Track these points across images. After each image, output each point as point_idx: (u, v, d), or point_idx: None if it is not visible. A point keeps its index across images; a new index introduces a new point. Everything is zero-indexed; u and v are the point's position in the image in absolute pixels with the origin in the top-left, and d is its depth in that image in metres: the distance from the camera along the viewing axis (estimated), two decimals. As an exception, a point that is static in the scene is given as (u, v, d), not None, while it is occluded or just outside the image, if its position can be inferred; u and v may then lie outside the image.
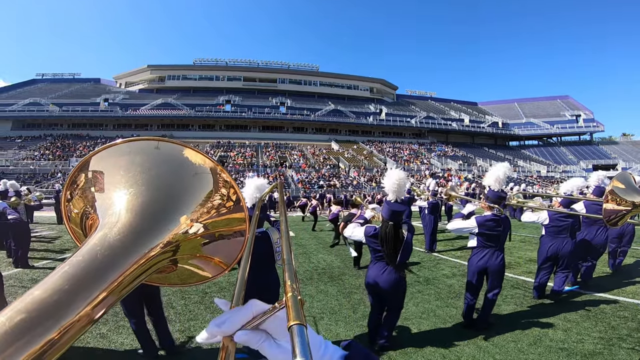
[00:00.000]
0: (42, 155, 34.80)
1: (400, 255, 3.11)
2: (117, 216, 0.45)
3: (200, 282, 0.59)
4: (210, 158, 0.54)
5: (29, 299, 0.31)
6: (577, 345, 3.38)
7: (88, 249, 0.39)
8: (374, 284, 3.31)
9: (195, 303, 4.65)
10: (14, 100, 47.57)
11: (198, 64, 60.29)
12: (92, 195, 0.50)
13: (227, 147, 41.91)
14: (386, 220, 3.14)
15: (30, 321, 0.29)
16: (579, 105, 62.53)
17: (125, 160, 0.50)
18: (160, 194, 0.49)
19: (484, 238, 3.75)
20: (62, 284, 0.33)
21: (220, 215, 0.54)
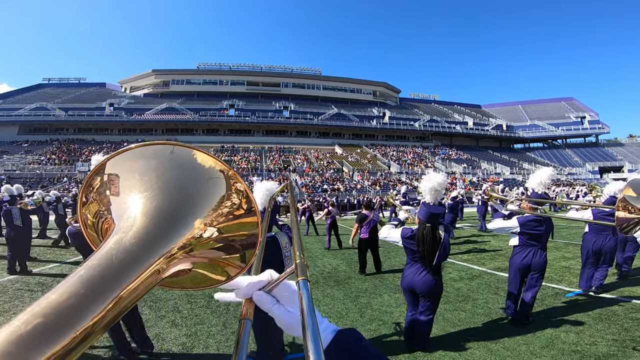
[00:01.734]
0: (48, 160, 35.11)
1: (437, 257, 3.15)
2: (132, 220, 0.45)
3: (213, 286, 0.60)
4: (222, 162, 0.54)
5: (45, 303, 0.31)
6: (591, 348, 3.32)
7: (104, 253, 0.40)
8: (410, 285, 3.36)
9: (201, 307, 4.63)
10: (20, 104, 48.16)
11: (202, 69, 60.77)
12: (108, 199, 0.50)
13: (231, 152, 42.08)
14: (423, 222, 3.21)
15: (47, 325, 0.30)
16: (583, 107, 62.19)
17: (140, 164, 0.51)
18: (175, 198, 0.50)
19: (527, 237, 3.88)
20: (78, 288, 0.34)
21: (233, 219, 0.55)
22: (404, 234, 3.39)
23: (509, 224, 3.97)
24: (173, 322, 4.14)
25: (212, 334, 3.80)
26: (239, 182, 0.55)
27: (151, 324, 4.06)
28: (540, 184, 3.96)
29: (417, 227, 3.29)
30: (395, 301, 4.87)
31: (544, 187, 3.98)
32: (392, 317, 4.27)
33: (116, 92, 60.57)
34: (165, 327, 3.99)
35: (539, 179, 3.96)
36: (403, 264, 7.15)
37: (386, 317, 4.28)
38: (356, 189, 31.13)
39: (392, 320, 4.19)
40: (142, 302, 4.81)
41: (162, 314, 4.38)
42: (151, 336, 3.72)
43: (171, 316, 4.32)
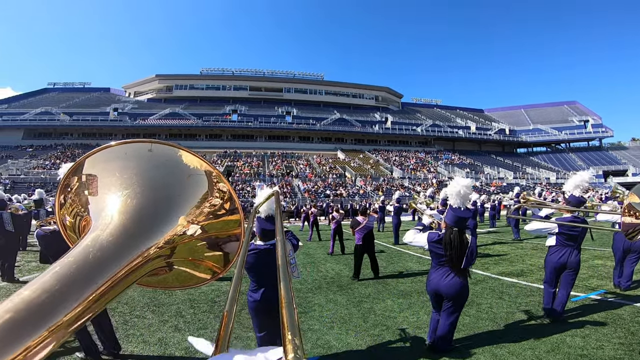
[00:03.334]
0: (52, 165, 35.34)
1: (465, 260, 3.22)
2: (110, 218, 0.44)
3: (199, 284, 0.59)
4: (206, 161, 0.53)
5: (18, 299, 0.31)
6: (597, 352, 3.28)
7: (80, 250, 0.39)
8: (436, 288, 3.38)
9: (204, 312, 4.63)
10: (25, 109, 48.61)
11: (205, 74, 61.14)
12: (86, 198, 0.49)
13: (234, 157, 42.19)
14: (450, 226, 3.26)
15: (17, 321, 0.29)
16: (586, 110, 62.00)
17: (119, 162, 0.50)
18: (155, 196, 0.49)
19: (565, 237, 4.08)
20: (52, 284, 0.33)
21: (216, 217, 0.54)
22: (430, 238, 3.43)
23: (546, 225, 4.17)
24: (176, 326, 4.14)
25: (214, 339, 3.78)
26: (222, 182, 0.54)
27: (154, 329, 4.06)
28: (577, 187, 4.22)
29: (444, 231, 3.34)
30: (399, 306, 4.84)
31: (581, 190, 4.22)
32: (396, 323, 4.25)
33: (120, 97, 61.07)
34: (169, 331, 3.99)
35: (576, 182, 4.24)
36: (406, 269, 7.19)
37: (390, 323, 4.26)
38: (359, 195, 31.08)
39: (395, 325, 4.17)
40: (145, 305, 4.82)
41: (165, 319, 4.38)
42: (154, 341, 3.73)
43: (174, 321, 4.32)
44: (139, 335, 3.89)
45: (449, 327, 3.37)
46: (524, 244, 10.02)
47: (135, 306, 4.81)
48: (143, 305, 4.83)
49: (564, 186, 4.51)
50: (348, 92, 64.93)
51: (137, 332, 3.96)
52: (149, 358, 3.40)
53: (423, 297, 5.20)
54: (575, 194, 4.23)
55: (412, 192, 28.82)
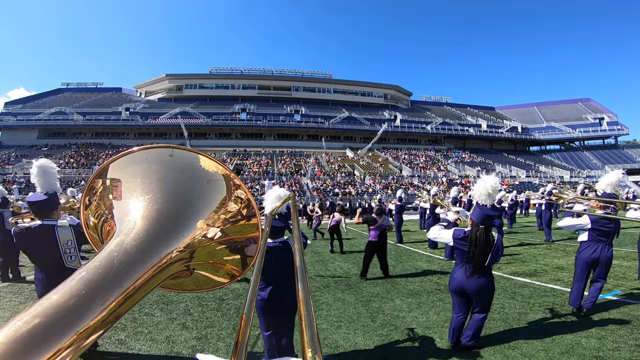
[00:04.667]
0: (66, 164, 36.04)
1: (490, 258, 3.24)
2: (133, 223, 0.46)
3: (216, 288, 0.60)
4: (223, 165, 0.55)
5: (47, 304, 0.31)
6: (614, 354, 3.18)
7: (105, 255, 0.40)
8: (460, 286, 3.38)
9: (212, 310, 4.63)
10: (40, 109, 49.56)
11: (214, 73, 61.51)
12: (110, 202, 0.51)
13: (243, 156, 42.41)
14: (477, 223, 3.28)
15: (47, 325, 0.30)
16: (601, 107, 60.52)
17: (142, 167, 0.52)
18: (176, 200, 0.50)
19: (597, 233, 4.21)
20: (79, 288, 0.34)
21: (234, 222, 0.56)
22: (456, 235, 3.43)
23: (579, 221, 4.30)
24: (184, 324, 4.15)
25: (222, 337, 3.78)
26: (240, 186, 0.56)
27: (162, 326, 4.07)
28: (609, 185, 4.37)
29: (470, 229, 3.35)
30: (408, 306, 4.77)
31: (612, 187, 4.38)
32: (405, 323, 4.19)
33: (132, 97, 61.87)
34: (176, 329, 4.00)
35: (608, 180, 4.39)
36: (415, 268, 7.11)
37: (398, 322, 4.20)
38: (367, 193, 30.92)
39: (404, 325, 4.11)
40: (153, 303, 4.85)
41: (174, 317, 4.39)
42: (162, 338, 3.74)
43: (182, 319, 4.33)
44: (147, 333, 3.90)
45: (477, 325, 3.39)
46: (538, 242, 9.82)
47: (144, 304, 4.83)
48: (152, 303, 4.85)
49: (597, 184, 4.65)
50: (357, 91, 64.59)
51: (145, 330, 3.97)
52: (157, 356, 3.40)
53: (433, 297, 5.13)
54: (607, 191, 4.37)
55: (420, 190, 28.47)
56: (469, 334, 3.40)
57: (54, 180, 3.00)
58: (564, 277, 6.04)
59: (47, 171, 2.93)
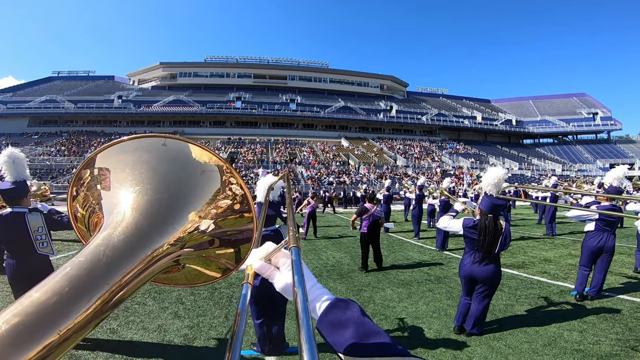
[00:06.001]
0: (58, 152, 35.56)
1: (499, 245, 3.41)
2: (122, 215, 0.44)
3: (208, 283, 0.59)
4: (217, 156, 0.53)
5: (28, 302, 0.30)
6: (594, 347, 3.28)
7: (91, 249, 0.38)
8: (470, 273, 3.56)
9: (204, 299, 4.67)
10: (30, 97, 48.66)
11: (209, 61, 60.63)
12: (98, 193, 0.49)
13: (238, 144, 42.14)
14: (485, 212, 3.44)
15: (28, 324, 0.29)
16: (596, 102, 60.87)
17: (132, 157, 0.49)
18: (167, 192, 0.49)
19: (604, 223, 4.51)
20: (63, 285, 0.33)
21: (228, 213, 0.54)
22: (465, 224, 3.57)
23: (587, 212, 4.57)
24: (176, 313, 4.18)
25: (214, 326, 3.83)
26: (234, 177, 0.54)
27: (154, 315, 4.10)
28: (615, 179, 4.66)
29: (479, 218, 3.49)
30: (398, 296, 4.86)
31: (618, 181, 4.66)
32: (395, 312, 4.27)
33: (124, 85, 60.86)
34: (168, 318, 4.03)
35: (615, 175, 4.67)
36: (407, 258, 7.20)
37: (388, 312, 4.28)
38: (362, 182, 31.02)
39: (394, 315, 4.19)
40: (145, 292, 4.87)
41: (166, 305, 4.42)
42: (154, 327, 3.77)
43: (174, 308, 4.36)
44: (139, 322, 3.93)
45: (482, 310, 3.54)
46: (526, 236, 9.98)
47: (135, 293, 4.84)
48: (144, 292, 4.86)
49: (604, 178, 4.98)
50: (353, 81, 64.16)
51: (137, 319, 4.00)
52: (149, 344, 3.43)
53: (423, 287, 5.22)
54: (614, 184, 4.65)
55: (403, 181, 28.54)
56: (471, 321, 3.58)
57: (23, 168, 3.07)
58: (550, 269, 6.16)
59: (16, 160, 3.01)
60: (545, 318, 3.99)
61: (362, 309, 0.58)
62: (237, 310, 0.50)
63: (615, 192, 4.62)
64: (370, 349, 0.52)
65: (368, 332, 0.53)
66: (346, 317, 0.56)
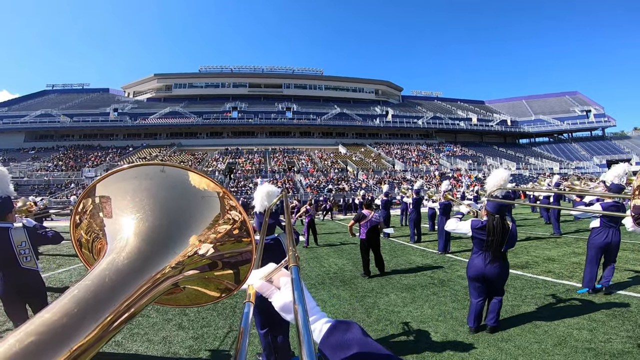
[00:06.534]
0: (55, 166, 35.42)
1: (506, 244, 3.51)
2: (125, 241, 0.46)
3: (210, 302, 0.61)
4: (215, 182, 0.55)
5: (39, 322, 0.32)
6: (605, 345, 3.24)
7: (97, 273, 0.40)
8: (481, 273, 3.62)
9: (207, 310, 4.62)
10: (25, 111, 48.53)
11: (204, 72, 60.86)
12: (101, 220, 0.51)
13: (235, 154, 42.13)
14: (492, 213, 3.56)
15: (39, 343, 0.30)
16: (588, 100, 61.44)
17: (132, 185, 0.52)
18: (168, 218, 0.51)
19: (608, 219, 4.63)
20: (71, 307, 0.34)
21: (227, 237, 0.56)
22: (474, 225, 3.65)
23: (592, 209, 4.68)
24: (180, 325, 4.14)
25: (218, 337, 3.78)
26: (232, 202, 0.56)
27: (159, 327, 4.06)
28: (616, 176, 4.71)
29: (487, 219, 3.59)
30: (402, 300, 4.81)
31: (619, 179, 4.70)
32: (400, 317, 4.22)
33: (119, 97, 60.95)
34: (173, 330, 3.99)
35: (616, 172, 4.72)
36: (409, 263, 7.16)
37: (393, 317, 4.23)
38: (361, 188, 31.02)
39: (399, 319, 4.15)
40: (149, 306, 4.80)
41: (169, 317, 4.37)
42: (159, 339, 3.73)
43: (178, 319, 4.31)
44: (144, 334, 3.89)
45: (498, 307, 3.70)
46: (529, 236, 9.96)
47: (138, 306, 4.81)
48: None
49: (604, 176, 5.12)
50: (348, 87, 64.54)
51: (142, 331, 3.95)
52: (154, 357, 3.39)
53: (427, 291, 5.18)
54: (615, 182, 4.71)
55: (402, 186, 28.55)
56: (492, 316, 3.68)
57: (6, 184, 3.10)
58: (555, 268, 6.14)
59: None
60: (553, 317, 3.95)
61: (363, 329, 0.60)
62: (239, 329, 0.52)
63: (617, 190, 4.67)
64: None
65: (372, 352, 0.54)
66: (348, 338, 0.57)
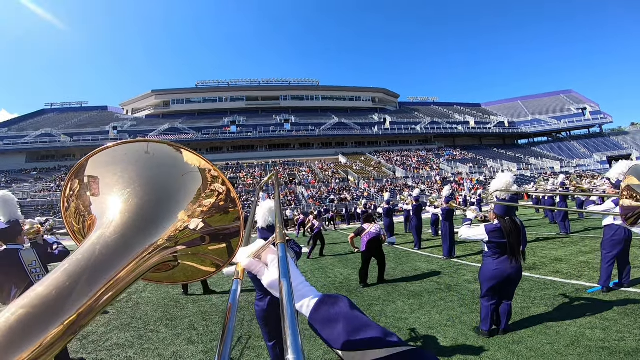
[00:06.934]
0: (58, 187, 35.48)
1: (524, 243, 3.59)
2: (113, 216, 0.47)
3: (205, 277, 0.61)
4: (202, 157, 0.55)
5: (32, 295, 0.33)
6: (619, 344, 3.20)
7: (87, 247, 0.41)
8: (504, 275, 3.56)
9: (216, 324, 4.60)
10: (25, 132, 48.80)
11: (201, 87, 61.42)
12: (89, 199, 0.52)
13: (236, 169, 42.26)
14: (501, 216, 3.58)
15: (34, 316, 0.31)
16: (583, 98, 61.76)
17: (120, 163, 0.52)
18: (156, 193, 0.51)
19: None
20: (63, 280, 0.35)
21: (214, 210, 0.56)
22: (489, 229, 3.63)
23: (604, 207, 4.70)
24: (189, 339, 4.12)
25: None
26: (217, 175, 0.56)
27: (169, 342, 4.05)
28: (620, 174, 4.67)
29: (498, 222, 3.60)
30: (410, 307, 4.78)
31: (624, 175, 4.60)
32: (408, 324, 4.19)
33: (118, 115, 61.37)
34: (183, 344, 3.98)
35: (620, 169, 4.68)
36: (415, 269, 7.13)
37: (401, 324, 4.20)
38: (363, 197, 30.99)
39: (407, 326, 4.12)
40: (158, 320, 4.80)
41: (179, 332, 4.36)
42: (169, 354, 3.73)
43: (187, 334, 4.30)
44: (154, 349, 3.89)
45: (509, 310, 3.71)
46: (537, 236, 9.91)
47: (148, 321, 4.81)
48: (156, 320, 4.83)
49: (609, 173, 5.07)
50: (345, 96, 65.03)
51: (152, 347, 3.96)
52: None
53: (434, 297, 5.14)
54: (620, 179, 4.69)
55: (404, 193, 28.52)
56: (504, 321, 3.70)
57: (15, 209, 3.27)
58: (563, 268, 6.10)
59: (7, 201, 3.20)
60: (565, 318, 3.91)
61: (352, 302, 0.60)
62: (227, 305, 0.53)
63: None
64: (361, 341, 0.52)
65: (359, 326, 0.54)
66: (335, 312, 0.58)
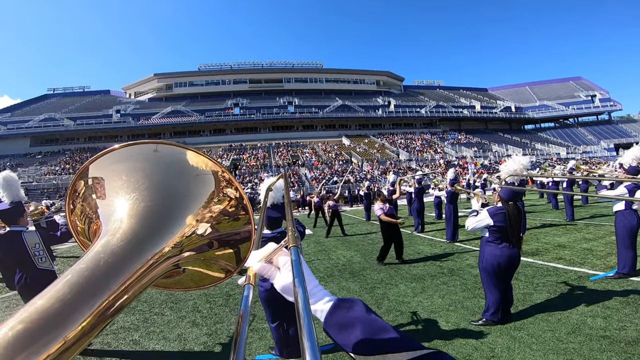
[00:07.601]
0: (62, 170, 35.75)
1: (524, 228, 3.44)
2: (119, 222, 0.45)
3: (214, 284, 0.59)
4: (211, 159, 0.53)
5: (32, 309, 0.31)
6: (620, 333, 3.21)
7: (91, 256, 0.39)
8: (513, 260, 3.59)
9: (220, 306, 4.66)
10: (29, 116, 48.99)
11: (203, 70, 60.84)
12: (94, 203, 0.50)
13: (239, 150, 42.23)
14: (507, 200, 3.60)
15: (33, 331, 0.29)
16: (593, 85, 60.57)
17: (125, 165, 0.50)
18: (164, 197, 0.49)
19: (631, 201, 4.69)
20: (65, 292, 0.33)
21: (224, 216, 0.55)
22: (492, 212, 3.62)
23: (617, 192, 4.73)
24: (194, 322, 4.18)
25: (231, 332, 3.82)
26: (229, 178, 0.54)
27: (173, 325, 4.11)
28: (634, 159, 4.75)
29: (502, 205, 3.60)
30: (412, 291, 4.82)
31: (637, 161, 4.73)
32: (410, 307, 4.23)
33: (121, 99, 61.13)
34: (187, 327, 4.04)
35: (633, 155, 4.74)
36: (418, 253, 7.17)
37: (403, 308, 4.24)
38: (367, 179, 30.94)
39: (409, 310, 4.15)
40: (162, 302, 4.88)
41: (183, 315, 4.43)
42: (174, 337, 3.79)
43: (191, 316, 4.36)
44: (159, 332, 3.95)
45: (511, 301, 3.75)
46: (539, 222, 9.88)
47: (153, 304, 4.89)
48: (161, 303, 4.90)
49: (621, 159, 5.09)
50: (349, 79, 64.19)
51: (157, 329, 4.02)
52: (171, 353, 3.44)
53: (437, 281, 5.18)
54: (633, 164, 4.74)
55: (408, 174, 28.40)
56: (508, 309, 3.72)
57: (17, 190, 3.24)
58: (566, 255, 6.08)
59: (10, 182, 3.17)
60: (566, 305, 3.92)
61: (367, 306, 0.59)
62: (239, 312, 0.51)
63: (635, 172, 4.63)
64: (379, 345, 0.52)
65: (376, 329, 0.54)
66: (351, 316, 0.57)
